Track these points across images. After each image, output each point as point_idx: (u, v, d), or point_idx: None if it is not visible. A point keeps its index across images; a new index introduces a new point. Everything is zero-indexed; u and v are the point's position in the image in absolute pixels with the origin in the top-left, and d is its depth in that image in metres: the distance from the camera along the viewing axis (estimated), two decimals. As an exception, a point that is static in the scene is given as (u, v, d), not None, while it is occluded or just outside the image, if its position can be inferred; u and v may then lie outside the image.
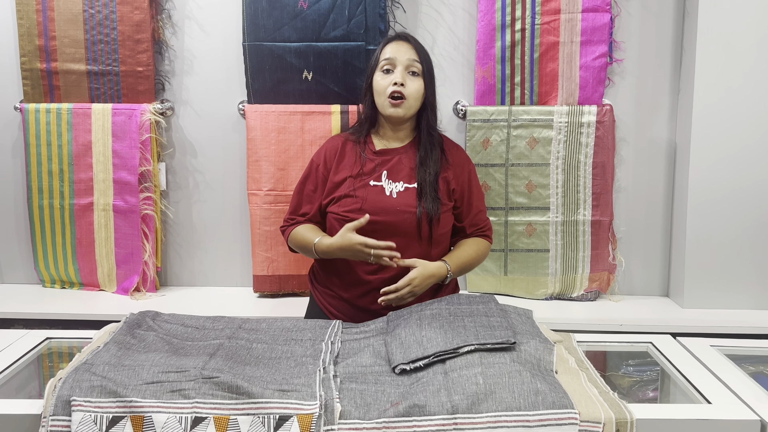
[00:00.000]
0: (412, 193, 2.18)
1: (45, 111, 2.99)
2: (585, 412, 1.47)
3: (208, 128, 3.09)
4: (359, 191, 2.18)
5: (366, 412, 1.49)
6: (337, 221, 2.18)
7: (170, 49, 3.04)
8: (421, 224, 2.15)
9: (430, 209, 2.15)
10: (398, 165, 2.23)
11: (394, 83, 2.17)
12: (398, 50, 2.21)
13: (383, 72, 2.21)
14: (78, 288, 3.16)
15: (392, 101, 2.18)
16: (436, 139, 2.27)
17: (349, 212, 2.16)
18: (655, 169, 3.04)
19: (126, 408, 1.47)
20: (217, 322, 2.00)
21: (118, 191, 3.01)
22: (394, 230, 2.14)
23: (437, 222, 2.18)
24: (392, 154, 2.25)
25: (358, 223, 2.06)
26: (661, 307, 2.98)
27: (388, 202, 2.16)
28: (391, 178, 2.20)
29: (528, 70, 2.92)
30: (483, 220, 2.35)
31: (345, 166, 2.24)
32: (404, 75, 2.19)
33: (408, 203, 2.16)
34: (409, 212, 2.15)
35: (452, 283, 2.32)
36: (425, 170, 2.20)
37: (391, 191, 2.18)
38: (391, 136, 2.29)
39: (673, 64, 2.98)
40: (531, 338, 1.74)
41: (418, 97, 2.21)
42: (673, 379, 1.88)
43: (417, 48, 2.23)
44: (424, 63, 2.22)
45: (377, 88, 2.22)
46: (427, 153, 2.23)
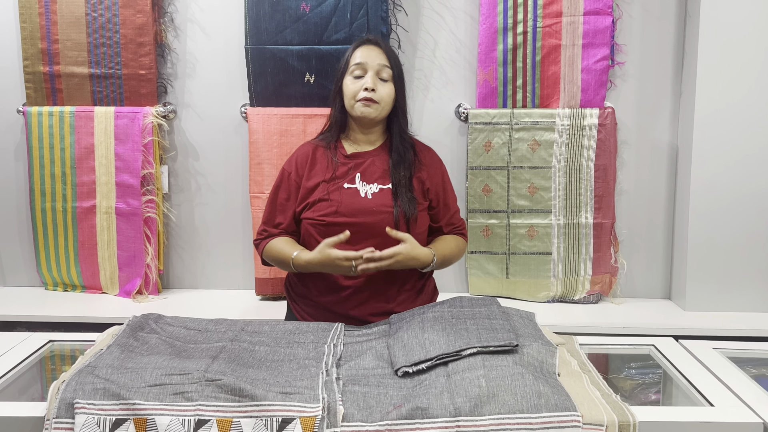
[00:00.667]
0: (387, 194, 2.16)
1: (48, 114, 2.99)
2: (588, 414, 1.47)
3: (210, 131, 3.09)
4: (333, 195, 2.16)
5: (369, 414, 1.49)
6: (313, 226, 2.16)
7: (173, 52, 3.05)
8: (398, 224, 2.14)
9: (406, 209, 2.14)
10: (371, 167, 2.21)
11: (365, 88, 2.15)
12: (368, 55, 2.19)
13: (353, 77, 2.19)
14: (80, 291, 3.16)
15: (363, 103, 2.16)
16: (407, 142, 2.26)
17: (324, 216, 2.14)
18: (657, 172, 3.05)
19: (129, 410, 1.47)
20: (219, 324, 2.00)
21: (121, 194, 3.02)
22: (372, 231, 2.12)
23: (414, 221, 2.17)
24: (364, 157, 2.23)
25: (337, 238, 2.03)
26: (663, 309, 2.98)
27: (363, 204, 2.15)
28: (364, 180, 2.19)
29: (530, 72, 2.93)
30: (459, 220, 2.35)
31: (317, 172, 2.21)
32: (375, 80, 2.17)
33: (384, 203, 2.15)
34: (386, 212, 2.14)
35: (430, 288, 2.33)
36: (399, 171, 2.19)
37: (366, 192, 2.17)
38: (361, 140, 2.27)
39: (674, 66, 2.98)
40: (533, 341, 1.74)
41: (389, 101, 2.20)
42: (675, 382, 1.87)
43: (387, 53, 2.21)
44: (394, 68, 2.20)
45: (347, 93, 2.20)
46: (400, 156, 2.21)
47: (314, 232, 2.16)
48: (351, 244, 2.12)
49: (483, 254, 3.04)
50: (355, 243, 2.11)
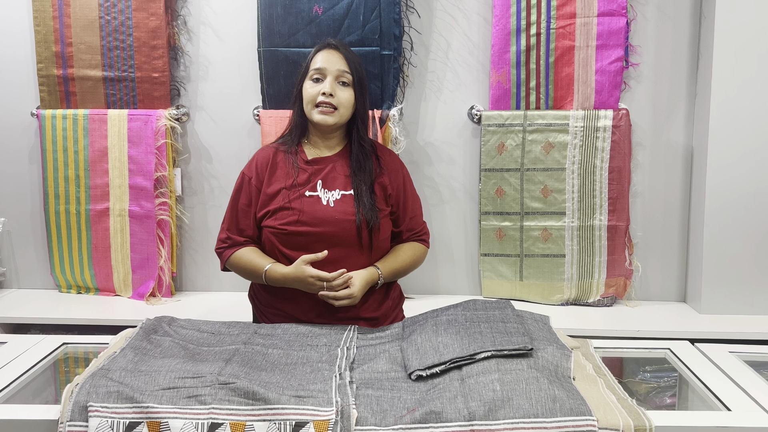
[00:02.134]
0: (349, 201, 2.14)
1: (61, 117, 3.00)
2: (603, 419, 1.46)
3: (223, 134, 3.10)
4: (295, 203, 2.13)
5: (382, 418, 1.48)
6: (274, 235, 2.14)
7: (186, 55, 3.05)
8: (361, 232, 2.12)
9: (369, 216, 2.12)
10: (332, 173, 2.19)
11: (323, 93, 2.14)
12: (328, 59, 2.17)
13: (312, 81, 2.18)
14: (94, 293, 3.17)
15: (321, 109, 2.15)
16: (367, 148, 2.23)
17: (286, 225, 2.12)
18: (672, 174, 3.02)
19: (142, 414, 1.47)
20: (232, 327, 2.00)
21: (134, 197, 3.03)
22: (335, 240, 2.11)
23: (377, 229, 2.15)
24: (325, 163, 2.21)
25: (315, 257, 2.02)
26: (678, 312, 2.96)
27: (325, 212, 2.12)
28: (326, 187, 2.16)
29: (543, 74, 2.91)
30: (419, 224, 2.33)
31: (278, 178, 2.19)
32: (333, 85, 2.15)
33: (346, 211, 2.13)
34: (348, 220, 2.12)
35: (396, 293, 2.32)
36: (360, 179, 2.17)
37: (328, 200, 2.14)
38: (321, 144, 2.24)
39: (689, 67, 2.96)
40: (548, 344, 1.73)
41: (349, 107, 2.18)
42: (691, 386, 1.86)
43: (347, 57, 2.19)
44: (354, 73, 2.18)
45: (306, 97, 2.18)
46: (359, 163, 2.19)
47: (275, 240, 2.14)
48: (312, 251, 2.09)
49: (496, 257, 3.03)
50: (318, 251, 2.08)
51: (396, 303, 2.31)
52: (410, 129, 3.04)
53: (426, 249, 2.34)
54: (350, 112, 2.19)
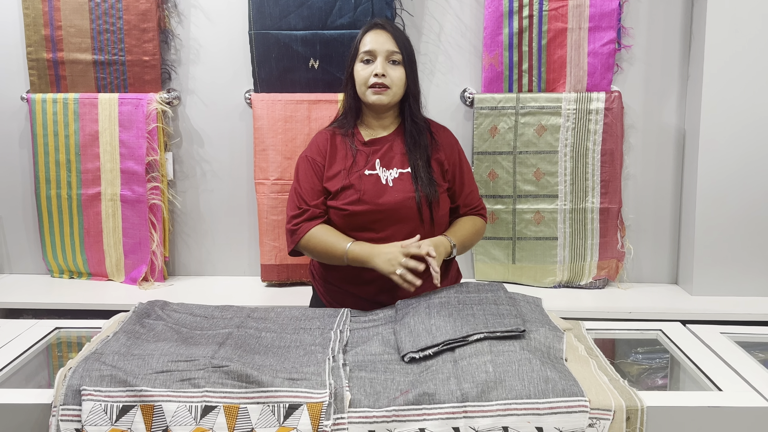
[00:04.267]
0: (408, 178, 2.16)
1: (52, 101, 2.98)
2: (595, 399, 1.47)
3: (214, 117, 3.08)
4: (355, 182, 2.15)
5: (376, 400, 1.49)
6: (337, 215, 2.16)
7: (176, 38, 3.03)
8: (421, 208, 2.14)
9: (428, 192, 2.14)
10: (389, 152, 2.21)
11: (375, 74, 2.14)
12: (377, 40, 2.18)
13: (363, 63, 2.19)
14: (86, 278, 3.16)
15: (375, 89, 2.16)
16: (421, 125, 2.25)
17: (348, 204, 2.13)
18: (664, 156, 3.03)
19: (136, 397, 1.47)
20: (225, 311, 2.00)
21: (126, 181, 3.02)
22: (397, 217, 2.13)
23: (437, 204, 2.17)
24: (381, 143, 2.23)
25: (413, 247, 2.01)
26: (670, 294, 2.97)
27: (385, 190, 2.14)
28: (384, 166, 2.18)
29: (536, 56, 2.91)
30: (476, 200, 2.34)
31: (338, 160, 2.21)
32: (384, 65, 2.16)
33: (405, 188, 2.15)
34: (408, 197, 2.14)
35: (454, 270, 2.33)
36: (416, 156, 2.19)
37: (387, 179, 2.16)
38: (376, 125, 2.26)
39: (682, 49, 2.96)
40: (540, 326, 1.74)
41: (401, 85, 2.19)
42: (683, 367, 1.87)
43: (396, 36, 2.19)
44: (403, 51, 2.19)
45: (358, 79, 2.19)
46: (414, 140, 2.21)
47: (338, 220, 2.16)
48: (375, 231, 2.14)
49: (489, 240, 3.03)
50: (380, 230, 2.13)
51: (455, 280, 2.32)
52: (403, 112, 3.03)
53: (485, 223, 2.35)
54: (402, 90, 2.20)
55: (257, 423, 1.46)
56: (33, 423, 1.54)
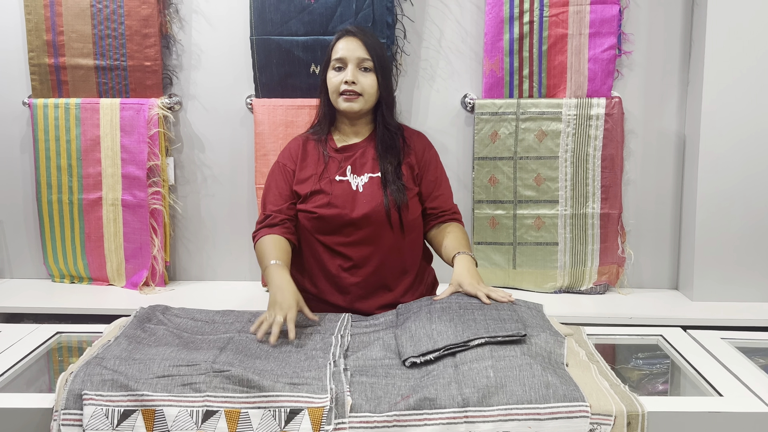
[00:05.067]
0: (377, 182, 2.16)
1: (53, 106, 2.99)
2: (596, 404, 1.47)
3: (215, 123, 3.09)
4: (326, 187, 2.15)
5: (377, 405, 1.49)
6: (307, 219, 2.16)
7: (178, 43, 3.04)
8: (390, 213, 2.13)
9: (396, 197, 2.13)
10: (361, 159, 2.21)
11: (345, 81, 2.14)
12: (348, 47, 2.17)
13: (335, 70, 2.18)
14: (87, 283, 3.17)
15: (346, 96, 2.16)
16: (393, 131, 2.24)
17: (317, 208, 2.13)
18: (665, 162, 3.03)
19: (137, 402, 1.47)
20: (226, 316, 2.01)
21: (127, 186, 3.02)
22: (366, 222, 2.12)
23: (406, 208, 2.16)
24: (353, 150, 2.23)
25: (309, 315, 1.92)
26: (670, 300, 2.97)
27: (355, 196, 2.14)
28: (355, 172, 2.18)
29: (536, 62, 2.91)
30: (452, 204, 2.31)
31: (308, 165, 2.21)
32: (355, 72, 2.15)
33: (374, 193, 2.14)
34: (377, 202, 2.13)
35: (431, 278, 2.34)
36: (386, 161, 2.18)
37: (357, 185, 2.16)
38: (349, 131, 2.26)
39: (682, 55, 2.96)
40: (541, 331, 1.74)
41: (373, 92, 2.18)
42: (683, 372, 1.87)
43: (367, 43, 2.18)
44: (375, 58, 2.17)
45: (330, 86, 2.19)
46: (386, 145, 2.21)
47: (308, 225, 2.16)
48: (345, 235, 2.14)
49: (489, 245, 3.03)
50: (349, 234, 2.14)
51: (428, 289, 2.32)
52: (404, 117, 3.04)
53: (463, 226, 2.32)
54: (375, 98, 2.20)
55: (258, 428, 1.46)
56: (34, 427, 1.54)
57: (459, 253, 2.10)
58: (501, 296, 1.91)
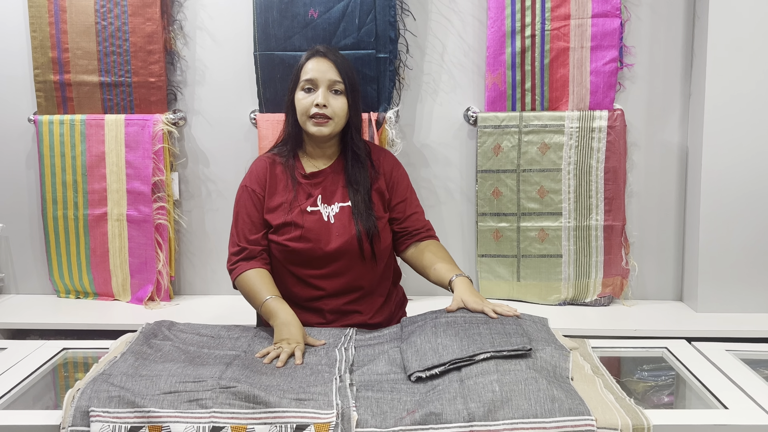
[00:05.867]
0: (348, 213, 2.12)
1: (58, 122, 3.01)
2: (602, 418, 1.47)
3: (220, 137, 3.10)
4: (297, 219, 2.10)
5: (382, 420, 1.49)
6: (278, 250, 2.12)
7: (182, 59, 3.06)
8: (362, 243, 2.10)
9: (367, 227, 2.10)
10: (331, 186, 2.16)
11: (316, 104, 2.08)
12: (319, 68, 2.11)
13: (304, 91, 2.12)
14: (92, 298, 3.18)
15: (315, 120, 2.09)
16: (362, 156, 2.19)
17: (289, 241, 2.09)
18: (667, 173, 3.04)
19: (144, 418, 1.47)
20: (232, 330, 2.01)
21: (132, 201, 3.03)
22: (339, 255, 2.09)
23: (377, 238, 2.13)
24: (323, 176, 2.17)
25: (314, 342, 1.91)
26: (675, 311, 2.97)
27: (327, 228, 2.11)
28: (325, 201, 2.13)
29: (538, 75, 2.93)
30: (424, 221, 2.26)
31: (278, 191, 2.15)
32: (326, 95, 2.09)
33: (346, 225, 2.11)
34: (349, 234, 2.10)
35: (399, 295, 2.33)
36: (355, 190, 2.14)
37: (328, 215, 2.12)
38: (318, 155, 2.20)
39: (683, 67, 2.97)
40: (546, 345, 1.74)
41: (343, 116, 2.12)
42: (689, 384, 1.87)
43: (338, 64, 2.12)
44: (346, 80, 2.12)
45: (299, 108, 2.12)
46: (355, 173, 2.16)
47: (279, 256, 2.12)
48: (316, 267, 2.11)
49: (493, 257, 3.04)
50: (321, 266, 2.10)
51: (397, 308, 2.31)
52: (406, 131, 3.05)
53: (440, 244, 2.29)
54: (344, 121, 2.15)
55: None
56: (41, 444, 1.55)
57: (456, 276, 2.07)
58: (506, 311, 1.91)
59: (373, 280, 2.17)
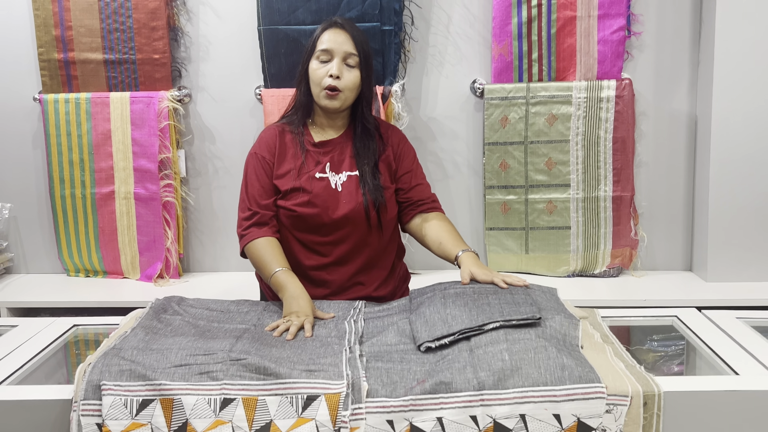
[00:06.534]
0: (356, 182, 2.13)
1: (64, 101, 3.00)
2: (612, 385, 1.47)
3: (225, 114, 3.10)
4: (306, 184, 2.11)
5: (392, 390, 1.49)
6: (286, 216, 2.13)
7: (186, 35, 3.04)
8: (368, 213, 2.11)
9: (375, 197, 2.11)
10: (339, 156, 2.17)
11: (330, 75, 2.09)
12: (335, 40, 2.11)
13: (319, 61, 2.12)
14: (102, 276, 3.19)
15: (328, 92, 2.10)
16: (371, 129, 2.20)
17: (297, 206, 2.10)
18: (676, 143, 3.02)
19: (155, 391, 1.48)
20: (241, 305, 2.02)
21: (139, 179, 3.03)
22: (346, 222, 2.11)
23: (384, 208, 2.14)
24: (332, 145, 2.18)
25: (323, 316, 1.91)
26: (684, 281, 2.97)
27: (335, 195, 2.12)
28: (333, 169, 2.15)
29: (545, 45, 2.90)
30: (430, 193, 2.27)
31: (287, 159, 2.16)
32: (341, 67, 2.10)
33: (353, 193, 2.12)
34: (356, 202, 2.11)
35: (402, 270, 2.33)
36: (364, 160, 2.15)
37: (336, 183, 2.13)
38: (327, 125, 2.21)
39: (692, 35, 2.94)
40: (556, 314, 1.74)
41: (354, 89, 2.13)
42: (699, 352, 1.87)
43: (355, 37, 2.13)
44: (361, 54, 2.12)
45: (313, 78, 2.12)
46: (363, 144, 2.17)
47: (287, 221, 2.13)
48: (323, 234, 2.12)
49: (502, 230, 3.03)
50: (327, 234, 2.11)
51: (401, 282, 2.32)
52: (413, 104, 3.04)
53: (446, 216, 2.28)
54: (355, 94, 2.15)
55: (276, 414, 1.47)
56: (54, 419, 1.55)
57: (462, 252, 2.07)
58: (515, 281, 1.91)
59: (378, 250, 2.18)
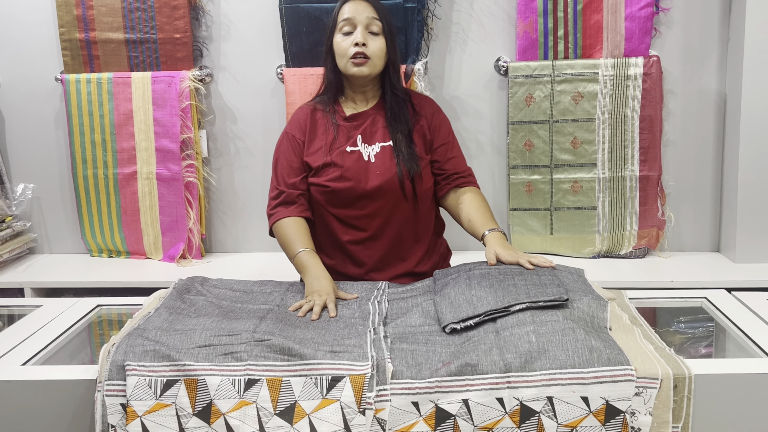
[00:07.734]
0: (389, 152, 2.12)
1: (85, 81, 3.00)
2: (641, 368, 1.44)
3: (247, 94, 3.08)
4: (337, 159, 2.11)
5: (418, 371, 1.48)
6: (319, 193, 2.12)
7: (207, 14, 3.02)
8: (403, 183, 2.10)
9: (409, 167, 2.10)
10: (371, 127, 2.16)
11: (356, 44, 2.08)
12: (356, 9, 2.10)
13: (343, 34, 2.11)
14: (125, 257, 3.20)
15: (355, 61, 2.09)
16: (401, 97, 2.19)
17: (330, 181, 2.09)
18: (705, 122, 2.96)
19: (180, 371, 1.48)
20: (264, 285, 2.01)
21: (161, 159, 3.03)
22: (380, 194, 2.09)
23: (419, 178, 2.13)
24: (363, 118, 2.18)
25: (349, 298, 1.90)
26: (712, 262, 2.92)
27: (368, 167, 2.11)
28: (366, 141, 2.14)
29: (571, 22, 2.85)
30: (465, 166, 2.26)
31: (318, 135, 2.17)
32: (365, 34, 2.09)
33: (387, 164, 2.11)
34: (390, 173, 2.10)
35: (443, 247, 2.32)
36: (397, 129, 2.14)
37: (369, 155, 2.12)
38: (358, 99, 2.21)
39: (721, 11, 2.88)
40: (583, 295, 1.71)
41: (382, 56, 2.12)
42: (729, 334, 1.84)
43: (375, 5, 2.13)
44: (383, 20, 2.12)
45: (338, 51, 2.12)
46: (394, 113, 2.16)
47: (321, 198, 2.13)
48: (359, 208, 2.11)
49: (526, 211, 3.00)
50: (363, 207, 2.11)
51: (442, 259, 2.30)
52: (436, 83, 3.00)
53: (481, 192, 2.27)
54: (383, 61, 2.14)
55: (300, 395, 1.46)
56: (78, 399, 1.56)
57: (489, 231, 2.05)
58: (542, 261, 1.89)
59: (416, 223, 2.17)
